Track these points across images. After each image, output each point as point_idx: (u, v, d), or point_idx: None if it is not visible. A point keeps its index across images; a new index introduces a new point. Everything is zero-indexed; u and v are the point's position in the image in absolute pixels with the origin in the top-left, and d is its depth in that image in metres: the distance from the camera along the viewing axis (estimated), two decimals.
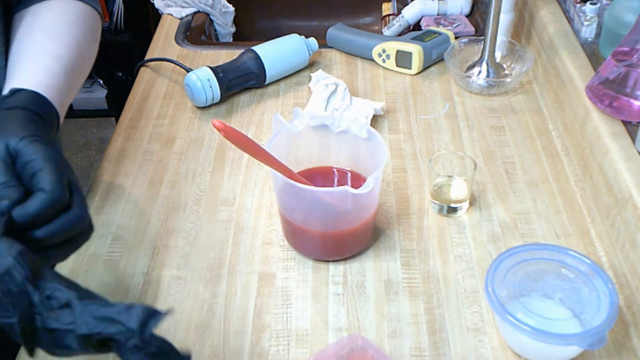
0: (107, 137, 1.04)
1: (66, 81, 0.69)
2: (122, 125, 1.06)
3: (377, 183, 0.76)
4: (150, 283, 0.80)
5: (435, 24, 1.30)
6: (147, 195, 0.92)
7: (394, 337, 0.73)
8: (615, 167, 0.81)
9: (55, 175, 0.54)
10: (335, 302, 0.77)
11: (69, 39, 0.73)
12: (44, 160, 0.55)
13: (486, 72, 1.10)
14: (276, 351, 0.72)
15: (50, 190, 0.53)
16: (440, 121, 1.04)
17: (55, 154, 0.56)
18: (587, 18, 1.03)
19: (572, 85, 0.96)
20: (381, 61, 1.17)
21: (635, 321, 0.74)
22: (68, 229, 0.54)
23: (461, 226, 0.86)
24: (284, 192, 0.80)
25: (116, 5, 2.20)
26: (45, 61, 0.69)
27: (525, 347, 0.70)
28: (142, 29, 2.13)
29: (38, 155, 0.55)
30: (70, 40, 0.73)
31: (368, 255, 0.83)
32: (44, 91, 0.64)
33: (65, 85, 0.69)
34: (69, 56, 0.72)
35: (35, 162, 0.55)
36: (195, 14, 1.37)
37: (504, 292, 0.70)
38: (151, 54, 1.24)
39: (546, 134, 1.01)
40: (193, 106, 1.09)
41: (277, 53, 1.13)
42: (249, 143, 0.73)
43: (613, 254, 0.81)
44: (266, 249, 0.84)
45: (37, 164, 0.54)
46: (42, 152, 0.55)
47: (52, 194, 0.53)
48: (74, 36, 0.74)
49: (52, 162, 0.55)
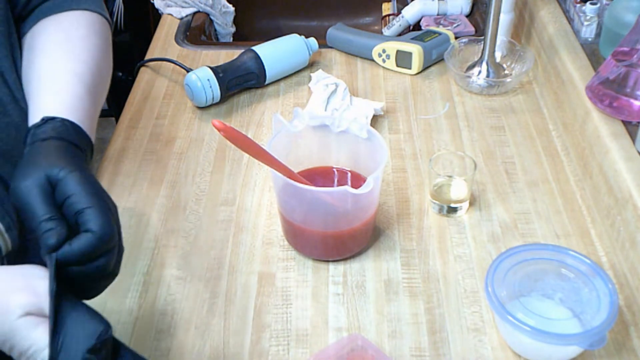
0: (107, 137, 1.04)
1: (91, 101, 0.69)
2: (122, 125, 1.06)
3: (377, 183, 0.76)
4: (150, 283, 0.80)
5: (435, 24, 1.30)
6: (147, 195, 0.92)
7: (394, 337, 0.73)
8: (615, 167, 0.81)
9: (104, 216, 0.53)
10: (335, 302, 0.77)
11: (85, 55, 0.72)
12: (89, 195, 0.54)
13: (486, 72, 1.10)
14: (276, 351, 0.72)
15: (99, 232, 0.52)
16: (440, 121, 1.04)
17: (99, 190, 0.56)
18: (587, 18, 1.03)
19: (572, 85, 0.96)
20: (381, 61, 1.17)
21: (635, 321, 0.74)
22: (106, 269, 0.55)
23: (461, 226, 0.86)
24: (284, 192, 0.80)
25: (116, 5, 2.20)
26: (68, 83, 0.68)
27: (525, 347, 0.70)
28: (142, 29, 2.13)
29: (82, 190, 0.54)
30: (87, 57, 0.72)
31: (368, 255, 0.83)
32: (75, 117, 0.64)
33: (92, 107, 0.68)
34: (90, 73, 0.71)
35: (80, 198, 0.54)
36: (195, 14, 1.37)
37: (504, 292, 0.70)
38: (151, 54, 1.24)
39: (546, 134, 1.01)
40: (193, 106, 1.09)
41: (277, 53, 1.13)
42: (249, 143, 0.73)
43: (613, 254, 0.81)
44: (266, 249, 0.84)
45: (82, 200, 0.54)
46: (85, 186, 0.55)
47: (101, 237, 0.53)
48: (90, 50, 0.73)
49: (98, 199, 0.54)
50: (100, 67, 0.74)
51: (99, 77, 0.73)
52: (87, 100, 0.68)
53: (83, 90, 0.68)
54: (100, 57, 0.75)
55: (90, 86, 0.70)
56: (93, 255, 0.53)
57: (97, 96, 0.71)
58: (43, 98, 0.66)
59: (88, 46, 0.74)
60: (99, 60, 0.74)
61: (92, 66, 0.72)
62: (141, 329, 0.75)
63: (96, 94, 0.71)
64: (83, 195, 0.54)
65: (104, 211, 0.54)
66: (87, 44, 0.74)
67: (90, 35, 0.75)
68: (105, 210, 0.54)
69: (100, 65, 0.74)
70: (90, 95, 0.69)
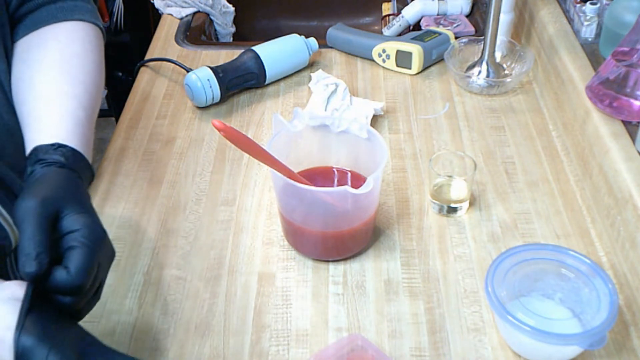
0: (107, 137, 1.04)
1: (89, 126, 0.70)
2: (122, 125, 1.06)
3: (377, 183, 0.76)
4: (150, 283, 0.80)
5: (435, 24, 1.30)
6: (147, 195, 0.92)
7: (394, 337, 0.73)
8: (615, 167, 0.81)
9: (87, 262, 0.54)
10: (335, 302, 0.77)
11: (83, 75, 0.72)
12: (85, 238, 0.55)
13: (486, 72, 1.10)
14: (276, 351, 0.72)
15: (72, 275, 0.53)
16: (440, 121, 1.04)
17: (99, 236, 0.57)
18: (587, 18, 1.03)
19: (572, 85, 0.96)
20: (381, 61, 1.17)
21: (635, 321, 0.74)
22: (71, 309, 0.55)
23: (461, 226, 0.86)
24: (284, 192, 0.80)
25: (116, 5, 2.20)
26: (68, 107, 0.68)
27: (525, 347, 0.70)
28: (142, 29, 2.13)
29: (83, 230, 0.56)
30: (84, 77, 0.72)
31: (368, 255, 0.83)
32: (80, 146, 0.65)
33: (90, 132, 0.69)
34: (87, 95, 0.71)
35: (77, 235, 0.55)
36: (195, 14, 1.37)
37: (504, 292, 0.70)
38: (151, 54, 1.24)
39: (546, 134, 1.01)
40: (193, 106, 1.09)
41: (277, 53, 1.13)
42: (249, 143, 0.73)
43: (613, 254, 0.81)
44: (266, 249, 0.84)
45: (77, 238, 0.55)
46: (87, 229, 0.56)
47: (73, 280, 0.53)
48: (85, 69, 0.73)
49: (91, 245, 0.55)
50: (96, 86, 0.74)
51: (95, 97, 0.73)
52: (86, 126, 0.69)
53: (83, 114, 0.69)
54: (96, 74, 0.75)
55: (88, 109, 0.70)
56: (61, 292, 0.54)
57: (93, 117, 0.72)
58: (45, 121, 0.67)
59: (84, 64, 0.73)
60: (95, 78, 0.74)
61: (89, 86, 0.72)
62: (141, 329, 0.75)
63: (92, 115, 0.72)
64: (81, 236, 0.55)
65: (89, 258, 0.55)
66: (83, 61, 0.73)
67: (86, 52, 0.75)
68: (91, 257, 0.55)
69: (96, 83, 0.74)
70: (88, 121, 0.70)
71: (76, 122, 0.67)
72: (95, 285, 0.58)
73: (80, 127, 0.67)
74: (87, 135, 0.68)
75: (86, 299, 0.57)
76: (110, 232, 0.86)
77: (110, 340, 0.73)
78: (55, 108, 0.68)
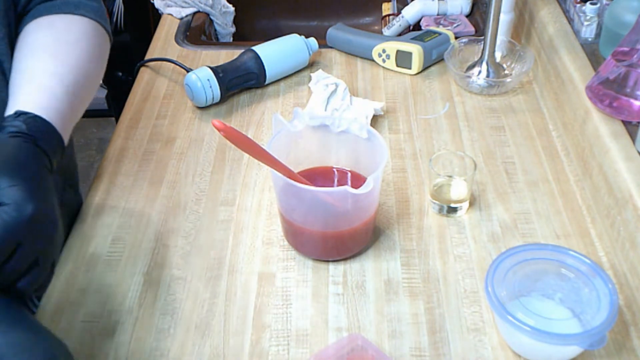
0: (107, 137, 1.04)
1: (69, 103, 0.68)
2: (122, 125, 1.06)
3: (377, 183, 0.76)
4: (150, 283, 0.80)
5: (435, 24, 1.30)
6: (147, 195, 0.92)
7: (394, 337, 0.73)
8: (615, 167, 0.81)
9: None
10: (335, 302, 0.77)
11: (72, 59, 0.72)
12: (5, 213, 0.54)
13: (486, 72, 1.10)
14: (276, 351, 0.72)
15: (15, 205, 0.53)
16: (440, 121, 1.04)
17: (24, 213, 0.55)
18: (587, 18, 1.03)
19: (572, 85, 0.96)
20: (381, 61, 1.17)
21: (635, 321, 0.74)
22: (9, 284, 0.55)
23: (461, 226, 0.86)
24: (284, 192, 0.80)
25: (116, 5, 2.20)
26: (47, 82, 0.67)
27: (525, 347, 0.70)
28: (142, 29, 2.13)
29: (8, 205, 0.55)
30: (73, 61, 0.72)
31: (368, 255, 0.83)
32: (48, 115, 0.63)
33: (67, 108, 0.68)
34: (72, 76, 0.70)
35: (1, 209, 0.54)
36: (195, 14, 1.37)
37: (504, 292, 0.70)
38: (151, 54, 1.24)
39: (546, 134, 1.01)
40: (193, 106, 1.09)
41: (277, 53, 1.13)
42: (249, 143, 0.73)
43: (613, 254, 0.81)
44: (266, 249, 0.84)
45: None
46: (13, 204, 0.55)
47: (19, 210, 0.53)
48: (78, 56, 0.73)
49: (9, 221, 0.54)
50: (87, 73, 0.73)
51: (83, 82, 0.72)
52: (64, 102, 0.67)
53: (61, 90, 0.68)
54: (88, 63, 0.74)
55: (70, 88, 0.69)
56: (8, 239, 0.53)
57: (77, 99, 0.71)
58: (19, 93, 0.66)
59: (76, 51, 0.73)
60: (86, 66, 0.73)
61: (76, 70, 0.71)
62: (141, 329, 0.75)
63: (77, 97, 0.71)
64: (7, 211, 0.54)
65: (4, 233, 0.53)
66: (75, 49, 0.73)
67: (80, 41, 0.74)
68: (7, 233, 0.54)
69: (88, 71, 0.73)
70: (68, 97, 0.68)
71: (50, 95, 0.66)
72: (23, 263, 0.55)
73: (53, 100, 0.66)
74: (61, 110, 0.66)
75: (14, 275, 0.55)
76: (110, 232, 0.86)
77: (110, 340, 0.73)
78: (31, 83, 0.67)
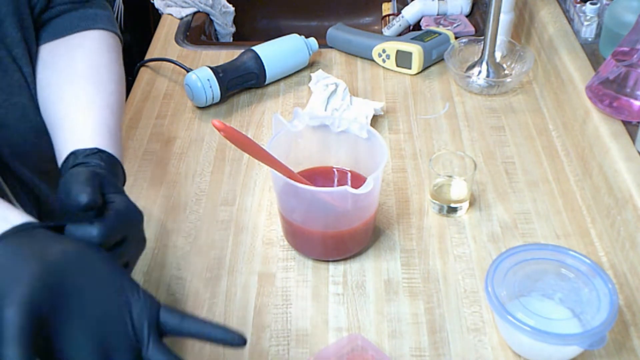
0: None
1: (120, 133, 0.71)
2: (122, 125, 1.06)
3: (377, 183, 0.76)
4: (150, 283, 0.80)
5: (435, 24, 1.30)
6: (147, 195, 0.92)
7: (394, 337, 0.73)
8: (615, 167, 0.81)
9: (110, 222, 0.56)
10: (335, 302, 0.77)
11: (112, 86, 0.73)
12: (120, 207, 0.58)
13: (486, 72, 1.10)
14: (276, 351, 0.72)
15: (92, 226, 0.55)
16: (440, 121, 1.04)
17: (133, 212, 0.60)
18: (587, 18, 1.03)
19: (572, 85, 0.96)
20: (381, 61, 1.17)
21: (635, 321, 0.74)
22: None
23: (461, 226, 0.86)
24: (284, 192, 0.80)
25: (116, 5, 2.19)
26: (102, 116, 0.69)
27: (525, 347, 0.70)
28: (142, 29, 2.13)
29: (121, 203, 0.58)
30: (114, 87, 0.73)
31: (368, 255, 0.83)
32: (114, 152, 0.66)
33: (120, 139, 0.70)
34: (118, 105, 0.72)
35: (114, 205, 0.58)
36: (195, 14, 1.37)
37: (504, 292, 0.70)
38: (151, 54, 1.24)
39: (546, 134, 1.01)
40: (193, 106, 1.09)
41: (277, 53, 1.13)
42: (249, 143, 0.73)
43: (613, 254, 0.81)
44: (266, 249, 0.84)
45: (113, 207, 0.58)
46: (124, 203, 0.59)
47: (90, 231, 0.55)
48: (114, 80, 0.74)
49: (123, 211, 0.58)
50: (122, 95, 0.75)
51: (122, 106, 0.75)
52: (118, 135, 0.70)
53: (114, 124, 0.70)
54: (121, 84, 0.76)
55: (118, 118, 0.72)
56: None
57: (121, 126, 0.73)
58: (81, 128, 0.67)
59: (112, 75, 0.74)
60: (120, 88, 0.75)
61: (117, 96, 0.73)
62: None
63: (121, 124, 0.73)
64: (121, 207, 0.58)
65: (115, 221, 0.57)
66: (111, 72, 0.75)
67: (112, 62, 0.76)
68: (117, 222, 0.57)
69: (122, 93, 0.76)
70: (119, 130, 0.71)
71: (110, 131, 0.68)
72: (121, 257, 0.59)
73: (114, 136, 0.68)
74: (119, 144, 0.69)
75: None
76: None
77: None
78: (89, 116, 0.69)
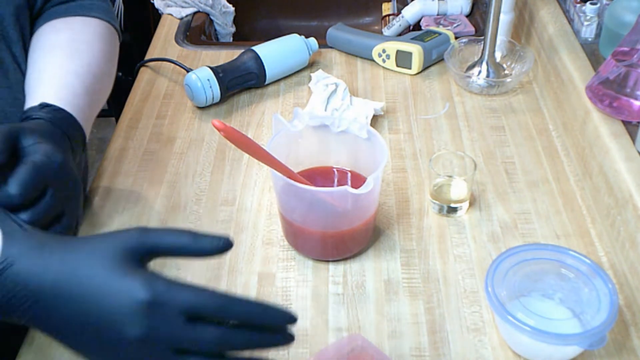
0: (107, 137, 1.04)
1: (88, 101, 0.70)
2: (122, 125, 1.06)
3: (377, 183, 0.76)
4: None
5: (435, 24, 1.30)
6: (147, 195, 0.92)
7: (394, 337, 0.73)
8: (615, 167, 0.81)
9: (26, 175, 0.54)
10: (335, 302, 0.77)
11: (89, 59, 0.73)
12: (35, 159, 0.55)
13: (486, 72, 1.10)
14: (276, 351, 0.72)
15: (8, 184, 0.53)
16: (440, 121, 1.04)
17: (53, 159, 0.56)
18: (587, 18, 1.03)
19: (572, 85, 0.96)
20: (381, 61, 1.17)
21: (635, 321, 0.74)
22: None
23: (461, 226, 0.86)
24: (284, 192, 0.80)
25: (116, 5, 2.19)
26: (67, 79, 0.69)
27: (525, 347, 0.70)
28: (142, 29, 2.13)
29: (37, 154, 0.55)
30: (90, 60, 0.73)
31: (368, 255, 0.83)
32: (70, 109, 0.64)
33: (88, 107, 0.69)
34: (91, 75, 0.72)
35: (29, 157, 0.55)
36: (195, 14, 1.37)
37: (504, 292, 0.70)
38: (151, 54, 1.24)
39: (546, 134, 1.01)
40: (193, 106, 1.09)
41: (277, 53, 1.13)
42: (249, 143, 0.73)
43: (613, 254, 0.81)
44: (266, 249, 0.84)
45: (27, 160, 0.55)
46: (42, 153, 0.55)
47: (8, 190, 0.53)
48: (94, 55, 0.74)
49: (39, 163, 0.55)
50: (102, 72, 0.74)
51: (99, 81, 0.74)
52: (84, 99, 0.68)
53: (82, 89, 0.69)
54: (103, 62, 0.75)
55: (89, 87, 0.70)
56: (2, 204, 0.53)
57: (95, 98, 0.72)
58: (42, 89, 0.67)
59: (92, 51, 0.74)
60: (101, 66, 0.74)
61: (94, 69, 0.72)
62: None
63: (94, 95, 0.72)
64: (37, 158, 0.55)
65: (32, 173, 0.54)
66: (91, 48, 0.74)
67: (95, 41, 0.75)
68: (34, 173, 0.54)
69: (103, 70, 0.75)
70: (88, 96, 0.69)
71: (71, 92, 0.67)
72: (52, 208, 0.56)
73: (72, 96, 0.67)
74: (81, 107, 0.67)
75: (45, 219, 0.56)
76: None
77: None
78: (53, 80, 0.68)
